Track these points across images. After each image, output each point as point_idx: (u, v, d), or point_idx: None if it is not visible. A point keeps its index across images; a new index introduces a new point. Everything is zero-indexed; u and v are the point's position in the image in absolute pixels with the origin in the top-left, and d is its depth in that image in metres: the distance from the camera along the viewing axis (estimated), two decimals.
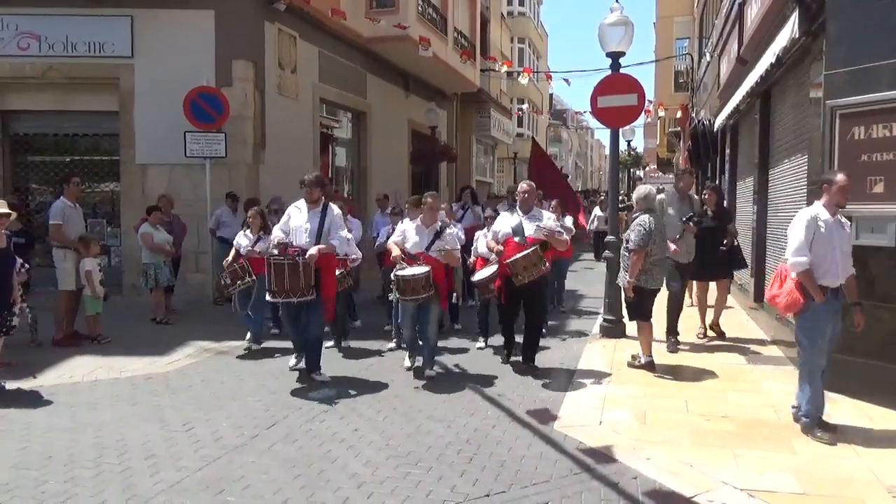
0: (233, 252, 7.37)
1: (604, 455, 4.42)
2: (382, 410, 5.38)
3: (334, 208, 6.18)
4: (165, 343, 7.64)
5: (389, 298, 7.37)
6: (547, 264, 6.48)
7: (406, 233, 6.47)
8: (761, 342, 7.76)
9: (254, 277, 7.06)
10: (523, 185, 6.74)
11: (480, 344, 7.71)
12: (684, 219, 7.45)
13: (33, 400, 5.66)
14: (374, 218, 11.21)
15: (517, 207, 6.65)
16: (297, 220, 6.13)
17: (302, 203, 6.17)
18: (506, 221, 6.59)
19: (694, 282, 8.37)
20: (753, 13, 8.57)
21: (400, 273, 6.10)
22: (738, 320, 9.11)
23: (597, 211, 17.51)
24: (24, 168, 11.35)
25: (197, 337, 7.96)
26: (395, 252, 6.28)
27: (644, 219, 6.33)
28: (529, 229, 6.40)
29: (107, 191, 11.27)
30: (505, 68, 18.42)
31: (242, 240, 7.40)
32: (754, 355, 7.14)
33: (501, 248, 6.40)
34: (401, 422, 5.10)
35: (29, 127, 11.24)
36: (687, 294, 8.58)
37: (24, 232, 7.86)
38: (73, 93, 10.80)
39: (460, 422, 5.06)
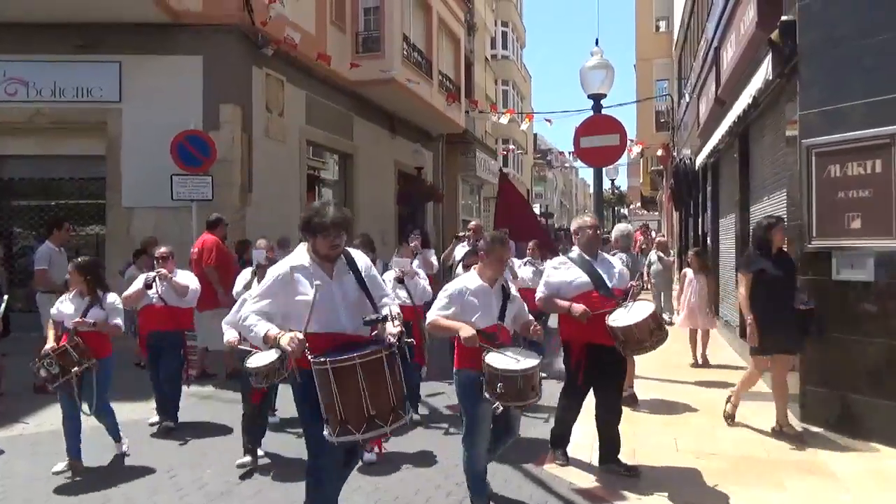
0: (50, 329, 5.21)
1: (595, 496, 4.39)
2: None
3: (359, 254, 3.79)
4: (149, 388, 7.50)
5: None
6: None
7: (462, 297, 4.09)
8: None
9: (93, 360, 4.94)
10: (587, 220, 5.02)
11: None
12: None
13: (14, 448, 5.55)
14: None
15: (580, 250, 4.89)
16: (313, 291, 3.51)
17: (302, 258, 3.57)
18: (568, 270, 4.82)
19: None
20: (729, 56, 8.82)
21: (500, 366, 3.82)
22: (723, 355, 9.14)
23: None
24: (8, 213, 11.30)
25: None
26: (469, 333, 3.88)
27: (622, 256, 6.43)
28: (611, 278, 4.80)
29: (91, 234, 11.23)
30: (496, 117, 18.76)
31: (66, 307, 5.11)
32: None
33: (585, 308, 4.54)
34: (390, 465, 5.03)
35: (15, 171, 11.23)
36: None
37: None
38: (60, 137, 10.83)
39: (450, 464, 4.99)
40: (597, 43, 8.79)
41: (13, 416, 6.37)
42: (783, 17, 6.18)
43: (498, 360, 3.85)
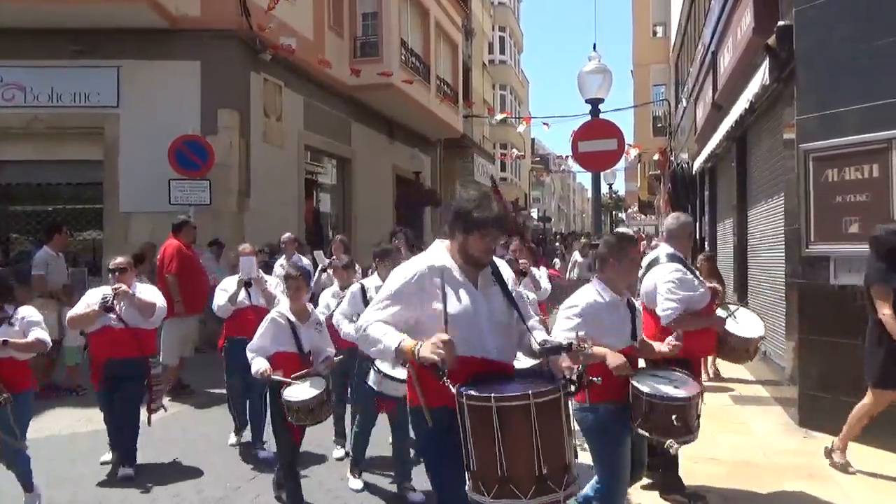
0: None
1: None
2: (372, 460, 5.23)
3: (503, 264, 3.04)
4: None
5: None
6: None
7: (596, 315, 3.38)
8: (746, 382, 7.77)
9: (6, 395, 4.07)
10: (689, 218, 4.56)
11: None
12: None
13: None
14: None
15: (682, 253, 4.34)
16: (453, 304, 2.76)
17: (443, 257, 2.83)
18: (691, 278, 4.20)
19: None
20: (726, 61, 8.85)
21: (668, 393, 3.29)
22: (736, 368, 9.12)
23: (576, 256, 14.60)
24: (6, 218, 11.26)
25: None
26: (619, 360, 3.26)
27: None
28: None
29: (88, 239, 11.21)
30: (490, 117, 18.79)
31: None
32: (739, 396, 7.15)
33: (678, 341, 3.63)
34: (388, 469, 5.00)
35: (12, 177, 11.19)
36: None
37: None
38: (58, 142, 10.81)
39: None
40: (594, 48, 8.86)
41: None
42: (780, 22, 6.20)
43: (653, 385, 3.25)
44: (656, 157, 23.85)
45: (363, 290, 4.89)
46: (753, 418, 6.21)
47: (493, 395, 2.41)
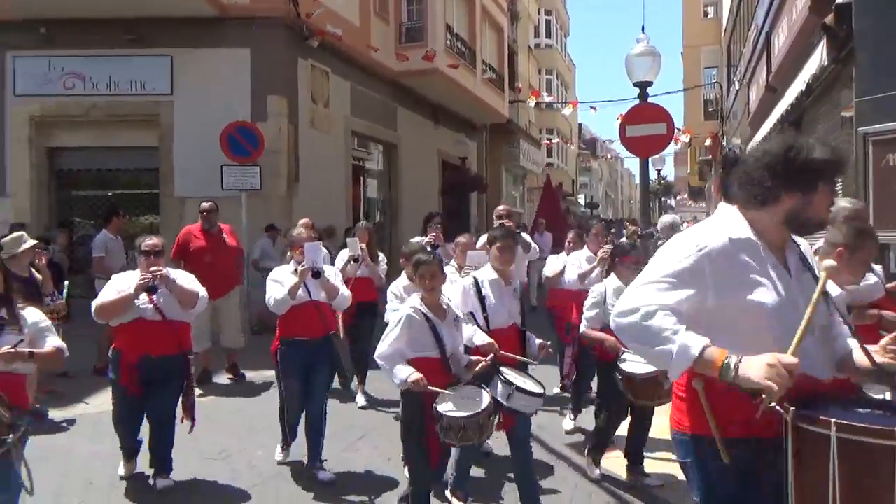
0: None
1: (645, 493, 4.36)
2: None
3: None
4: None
5: None
6: None
7: None
8: None
9: (28, 421, 3.15)
10: None
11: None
12: None
13: (76, 427, 5.81)
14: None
15: None
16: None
17: (742, 229, 2.11)
18: None
19: None
20: (781, 42, 8.58)
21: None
22: None
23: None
24: (69, 202, 11.76)
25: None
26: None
27: None
28: None
29: (146, 223, 11.60)
30: (533, 101, 18.60)
31: None
32: None
33: None
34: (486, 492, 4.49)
35: (73, 163, 11.67)
36: None
37: (52, 263, 7.82)
38: (115, 129, 11.20)
39: (499, 454, 4.86)
40: (643, 30, 8.68)
41: (75, 397, 6.65)
42: (838, 0, 5.99)
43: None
44: (707, 142, 23.31)
45: (477, 285, 4.15)
46: None
47: (834, 419, 1.75)
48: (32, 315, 3.27)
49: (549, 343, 4.23)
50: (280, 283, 4.65)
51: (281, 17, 10.97)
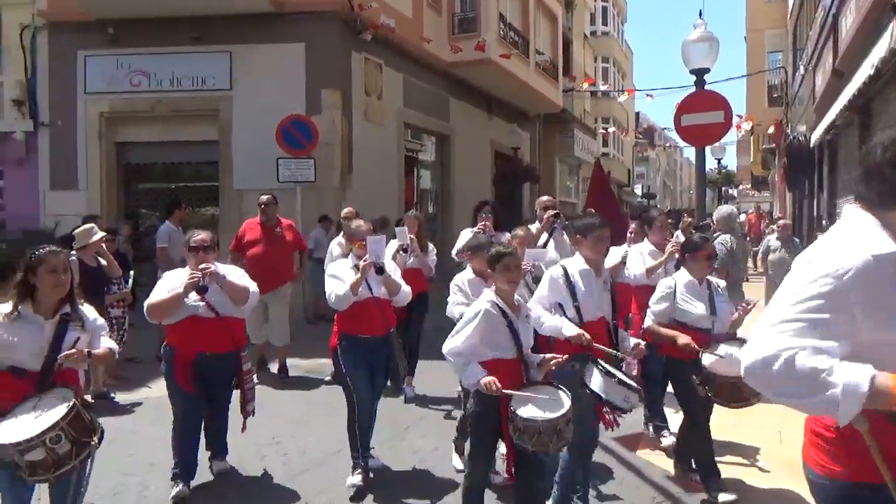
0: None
1: (690, 485, 4.30)
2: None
3: None
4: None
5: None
6: None
7: None
8: None
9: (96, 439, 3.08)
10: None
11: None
12: None
13: (140, 411, 6.10)
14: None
15: None
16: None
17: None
18: None
19: None
20: (848, 23, 8.21)
21: None
22: None
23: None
24: (135, 195, 12.31)
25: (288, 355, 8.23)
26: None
27: (725, 238, 6.22)
28: None
29: (207, 215, 12.01)
30: (586, 86, 18.31)
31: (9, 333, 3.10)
32: None
33: None
34: None
35: (139, 157, 12.17)
36: None
37: (117, 253, 8.05)
38: (178, 124, 11.61)
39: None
40: (700, 15, 8.42)
41: (140, 381, 6.97)
42: None
43: None
44: (771, 129, 22.47)
45: (566, 275, 3.88)
46: None
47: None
48: (91, 313, 3.37)
49: (642, 343, 3.99)
50: (340, 279, 4.42)
51: (335, 11, 11.13)
